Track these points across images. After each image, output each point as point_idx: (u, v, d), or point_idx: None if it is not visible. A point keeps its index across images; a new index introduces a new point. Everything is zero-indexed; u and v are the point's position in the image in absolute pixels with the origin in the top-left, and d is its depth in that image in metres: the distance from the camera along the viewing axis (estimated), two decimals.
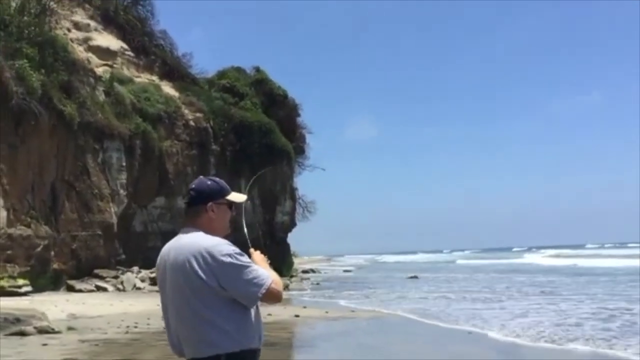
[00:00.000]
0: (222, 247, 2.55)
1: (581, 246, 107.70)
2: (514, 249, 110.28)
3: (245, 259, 2.58)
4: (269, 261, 2.84)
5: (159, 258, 2.72)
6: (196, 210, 2.71)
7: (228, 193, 2.77)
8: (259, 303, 2.62)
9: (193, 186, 2.75)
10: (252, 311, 2.63)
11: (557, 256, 63.68)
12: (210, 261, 2.51)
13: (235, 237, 2.85)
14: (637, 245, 71.27)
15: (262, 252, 2.87)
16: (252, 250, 2.85)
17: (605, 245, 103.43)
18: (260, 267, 2.64)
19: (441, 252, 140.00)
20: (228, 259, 2.52)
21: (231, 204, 2.78)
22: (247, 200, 2.93)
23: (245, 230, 3.13)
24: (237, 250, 2.58)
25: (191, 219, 2.72)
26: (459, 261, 66.58)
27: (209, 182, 2.76)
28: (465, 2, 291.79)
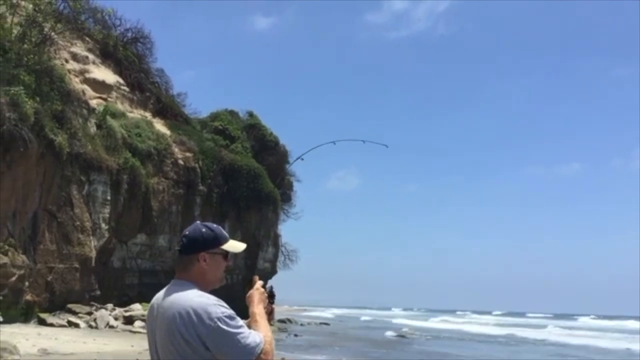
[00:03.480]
0: (211, 309, 2.35)
1: (522, 314, 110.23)
2: (457, 312, 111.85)
3: (236, 322, 2.37)
4: (271, 303, 2.67)
5: (148, 310, 2.55)
6: (188, 259, 2.51)
7: (224, 242, 2.56)
8: None
9: (187, 232, 2.54)
10: None
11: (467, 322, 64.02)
12: (197, 324, 2.32)
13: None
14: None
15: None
16: (256, 277, 2.69)
17: (546, 315, 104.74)
18: (253, 328, 2.45)
19: (390, 309, 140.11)
20: (216, 324, 2.32)
21: (227, 254, 2.57)
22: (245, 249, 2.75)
23: None
24: (228, 312, 2.37)
25: (182, 268, 2.53)
26: (363, 317, 71.12)
27: (203, 230, 2.53)
28: (453, 62, 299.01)
